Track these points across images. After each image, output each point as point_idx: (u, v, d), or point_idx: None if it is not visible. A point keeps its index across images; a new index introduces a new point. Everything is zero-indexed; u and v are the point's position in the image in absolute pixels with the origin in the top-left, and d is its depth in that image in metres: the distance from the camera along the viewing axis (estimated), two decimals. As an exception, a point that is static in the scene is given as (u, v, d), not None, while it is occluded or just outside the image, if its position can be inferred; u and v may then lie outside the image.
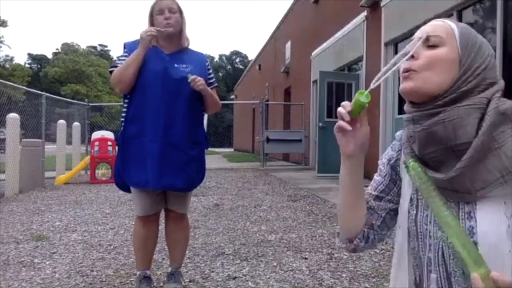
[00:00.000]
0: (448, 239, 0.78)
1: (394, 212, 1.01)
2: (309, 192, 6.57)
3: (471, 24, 5.39)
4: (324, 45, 10.49)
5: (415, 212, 0.93)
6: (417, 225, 0.93)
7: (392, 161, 1.04)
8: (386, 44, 7.28)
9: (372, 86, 0.88)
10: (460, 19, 5.39)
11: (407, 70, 0.90)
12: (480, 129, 0.82)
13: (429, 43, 0.90)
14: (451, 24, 0.91)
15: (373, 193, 1.04)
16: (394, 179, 1.03)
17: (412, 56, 0.89)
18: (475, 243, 0.81)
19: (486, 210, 0.82)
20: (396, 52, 7.17)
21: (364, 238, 1.01)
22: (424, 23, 0.98)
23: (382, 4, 7.29)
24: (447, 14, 5.55)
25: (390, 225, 1.03)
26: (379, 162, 1.08)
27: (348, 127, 0.88)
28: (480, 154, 0.82)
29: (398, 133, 1.05)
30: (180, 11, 2.35)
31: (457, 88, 0.86)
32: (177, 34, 2.35)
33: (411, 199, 0.95)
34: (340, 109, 0.90)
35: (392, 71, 0.91)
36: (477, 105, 0.84)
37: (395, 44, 7.18)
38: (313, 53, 11.41)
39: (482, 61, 0.88)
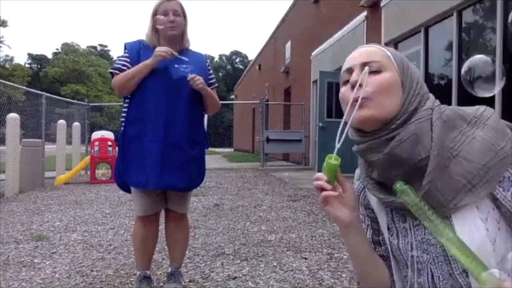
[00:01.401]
0: (450, 252, 0.77)
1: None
2: (309, 192, 6.57)
3: (471, 24, 5.40)
4: (324, 45, 10.49)
5: (396, 241, 0.93)
6: (402, 252, 0.93)
7: (360, 200, 1.04)
8: (386, 44, 7.25)
9: (337, 145, 0.87)
10: (460, 19, 5.39)
11: (356, 100, 0.87)
12: (433, 141, 0.83)
13: (371, 69, 0.88)
14: (382, 48, 0.92)
15: (370, 241, 1.02)
16: (373, 217, 1.02)
17: (360, 85, 0.87)
18: None
19: (462, 220, 0.83)
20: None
21: None
22: (424, 23, 0.99)
23: (382, 4, 7.29)
24: (447, 14, 5.55)
25: None
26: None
27: (335, 193, 0.87)
28: (441, 164, 0.82)
29: (356, 172, 1.05)
30: (183, 14, 2.35)
31: (405, 109, 0.87)
32: (179, 36, 2.36)
33: (388, 228, 0.95)
34: (316, 182, 0.88)
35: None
36: (425, 117, 0.86)
37: (395, 44, 7.18)
38: (313, 53, 11.41)
39: (416, 79, 0.90)
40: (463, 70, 0.94)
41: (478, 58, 0.93)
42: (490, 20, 4.97)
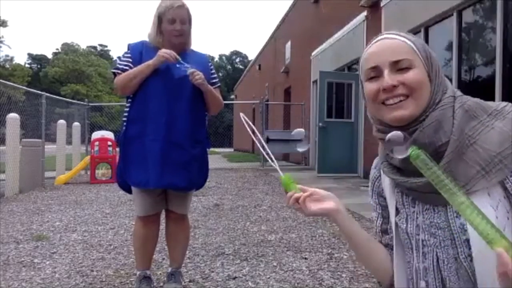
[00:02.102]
0: (467, 219, 0.76)
1: None
2: (309, 192, 6.56)
3: (471, 24, 5.40)
4: (324, 45, 10.49)
5: (404, 225, 0.94)
6: (409, 236, 0.93)
7: (375, 188, 1.06)
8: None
9: (280, 173, 0.98)
10: (460, 19, 5.39)
11: (389, 98, 0.88)
12: (454, 126, 0.85)
13: (399, 66, 0.88)
14: (405, 39, 0.90)
15: (378, 230, 1.06)
16: (384, 205, 1.04)
17: (394, 86, 0.87)
18: (467, 240, 0.83)
19: None
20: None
21: None
22: (424, 23, 0.99)
23: (382, 4, 7.29)
24: (447, 14, 5.55)
25: None
26: (369, 200, 1.11)
27: (307, 194, 0.94)
28: (459, 149, 0.84)
29: (374, 161, 1.08)
30: (189, 20, 2.35)
31: (434, 101, 0.88)
32: (184, 42, 2.37)
33: (398, 212, 0.96)
34: (290, 200, 0.96)
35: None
36: (448, 105, 0.88)
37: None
38: (313, 53, 11.41)
39: (437, 67, 0.91)
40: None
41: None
42: (490, 20, 4.97)
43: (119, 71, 2.31)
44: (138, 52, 2.33)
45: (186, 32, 2.34)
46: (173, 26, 2.28)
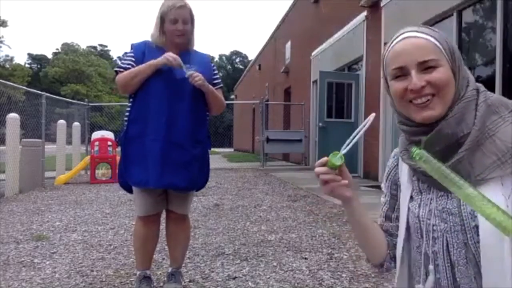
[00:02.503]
0: (476, 209, 0.79)
1: None
2: (309, 192, 6.57)
3: (471, 24, 5.40)
4: (324, 45, 10.49)
5: (417, 210, 0.97)
6: (420, 220, 0.96)
7: (391, 176, 1.10)
8: (386, 44, 7.27)
9: (343, 151, 0.94)
10: (460, 19, 5.39)
11: (417, 97, 0.90)
12: (476, 118, 0.89)
13: (425, 66, 0.90)
14: (429, 38, 0.91)
15: (382, 216, 1.11)
16: (394, 194, 1.09)
17: (422, 87, 0.89)
18: (477, 226, 0.86)
19: (486, 192, 0.85)
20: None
21: (392, 259, 1.08)
22: (424, 23, 0.99)
23: (382, 4, 7.30)
24: (447, 14, 5.56)
25: None
26: (382, 185, 1.15)
27: (338, 177, 0.95)
28: (479, 139, 0.88)
29: (394, 151, 1.11)
30: (192, 20, 2.35)
31: (459, 96, 0.91)
32: (186, 42, 2.37)
33: (411, 197, 1.00)
34: (317, 169, 0.95)
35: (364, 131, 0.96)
36: (471, 98, 0.91)
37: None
38: (313, 53, 11.41)
39: (459, 60, 0.93)
40: None
41: None
42: (490, 20, 4.97)
43: (121, 70, 2.31)
44: (140, 52, 2.33)
45: (188, 32, 2.34)
46: (175, 26, 2.28)
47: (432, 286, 0.93)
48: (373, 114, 0.94)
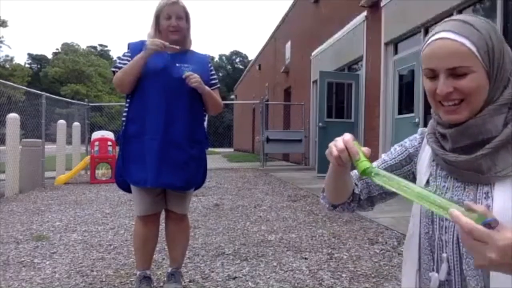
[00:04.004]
0: (425, 206, 0.79)
1: (386, 195, 1.10)
2: (309, 192, 6.57)
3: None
4: (324, 45, 10.49)
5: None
6: None
7: (412, 149, 1.08)
8: (386, 44, 7.28)
9: (378, 169, 0.90)
10: (460, 19, 5.38)
11: (444, 100, 0.90)
12: (510, 121, 0.88)
13: (455, 72, 0.88)
14: (466, 42, 0.88)
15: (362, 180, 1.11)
16: (400, 163, 1.09)
17: (449, 92, 0.89)
18: None
19: (504, 188, 0.86)
20: (396, 52, 7.19)
21: (346, 207, 1.11)
22: (424, 23, 0.98)
23: (382, 4, 7.29)
24: (447, 14, 5.55)
25: (375, 203, 1.12)
26: (396, 145, 1.13)
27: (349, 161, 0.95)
28: (508, 139, 0.88)
29: (420, 130, 1.10)
30: (187, 17, 2.36)
31: (490, 100, 0.90)
32: (181, 39, 2.37)
33: (428, 182, 1.00)
34: (335, 150, 0.95)
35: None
36: (505, 101, 0.89)
37: (395, 44, 7.18)
38: (313, 53, 11.41)
39: (500, 60, 0.89)
40: None
41: None
42: (490, 20, 4.96)
43: (117, 69, 2.32)
44: (138, 51, 2.33)
45: (183, 29, 2.34)
46: (169, 22, 2.30)
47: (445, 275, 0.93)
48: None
